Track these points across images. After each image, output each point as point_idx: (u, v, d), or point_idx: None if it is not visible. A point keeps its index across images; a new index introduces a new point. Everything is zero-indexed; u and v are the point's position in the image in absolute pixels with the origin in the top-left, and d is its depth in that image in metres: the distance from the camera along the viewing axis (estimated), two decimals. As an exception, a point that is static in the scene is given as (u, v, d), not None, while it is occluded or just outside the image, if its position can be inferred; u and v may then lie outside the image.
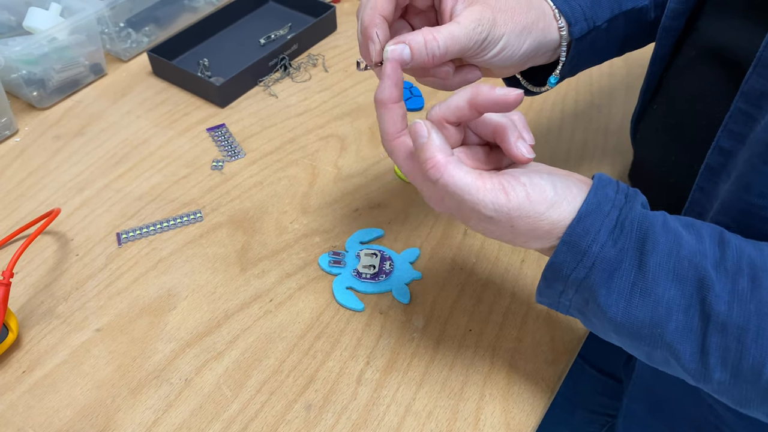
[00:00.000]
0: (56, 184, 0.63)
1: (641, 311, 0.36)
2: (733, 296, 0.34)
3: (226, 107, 0.72)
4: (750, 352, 0.33)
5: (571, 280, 0.37)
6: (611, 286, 0.36)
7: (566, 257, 0.37)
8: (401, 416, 0.46)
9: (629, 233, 0.36)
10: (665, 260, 0.35)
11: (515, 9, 0.44)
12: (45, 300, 0.53)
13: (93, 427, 0.45)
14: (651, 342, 0.36)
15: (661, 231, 0.36)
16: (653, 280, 0.35)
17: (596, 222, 0.36)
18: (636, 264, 0.36)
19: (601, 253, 0.36)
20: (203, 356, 0.49)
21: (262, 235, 0.58)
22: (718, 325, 0.34)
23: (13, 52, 0.66)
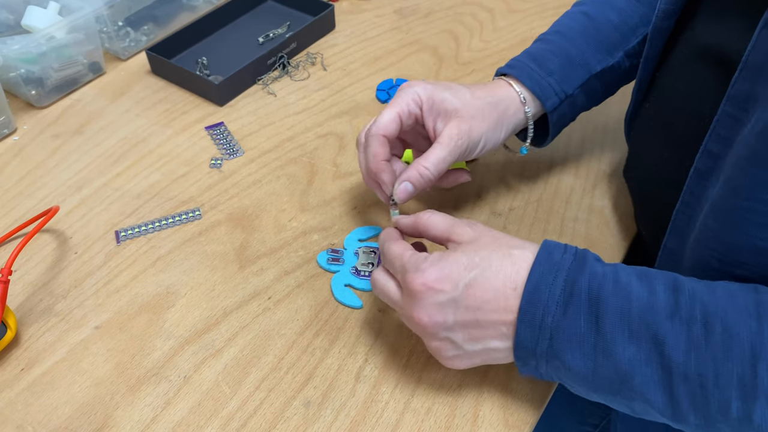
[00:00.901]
0: (55, 182, 0.63)
1: (608, 370, 0.37)
2: (689, 345, 0.36)
3: (224, 106, 0.72)
4: (714, 397, 0.35)
5: (538, 354, 0.40)
6: (575, 351, 0.38)
7: (526, 334, 0.39)
8: (400, 413, 0.46)
9: (579, 297, 0.38)
10: (618, 320, 0.37)
11: (485, 110, 0.52)
12: (44, 298, 0.53)
13: (91, 424, 0.45)
14: (626, 395, 0.38)
15: (612, 291, 0.38)
16: (611, 341, 0.37)
17: (544, 293, 0.39)
18: (593, 326, 0.38)
19: (555, 323, 0.38)
20: (202, 353, 0.49)
21: (260, 233, 0.58)
22: (680, 375, 0.36)
23: (12, 51, 0.66)
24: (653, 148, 0.52)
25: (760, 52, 0.36)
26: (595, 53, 0.55)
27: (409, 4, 0.88)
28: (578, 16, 0.57)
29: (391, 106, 0.51)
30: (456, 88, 0.52)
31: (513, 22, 0.84)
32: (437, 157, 0.49)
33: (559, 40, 0.56)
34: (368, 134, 0.51)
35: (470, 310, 0.40)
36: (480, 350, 0.42)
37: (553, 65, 0.55)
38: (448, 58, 0.79)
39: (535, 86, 0.54)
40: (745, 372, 0.34)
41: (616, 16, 0.56)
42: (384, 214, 0.60)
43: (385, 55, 0.79)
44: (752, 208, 0.37)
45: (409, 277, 0.41)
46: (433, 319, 0.41)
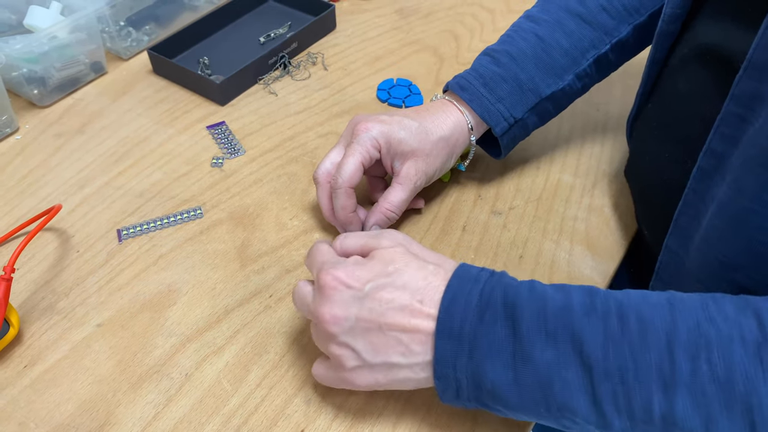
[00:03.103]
0: (57, 181, 0.63)
1: (528, 377, 0.37)
2: (606, 339, 0.35)
3: (226, 105, 0.72)
4: (635, 391, 0.34)
5: (458, 369, 0.38)
6: (495, 360, 0.37)
7: (445, 346, 0.38)
8: (400, 410, 0.46)
9: (495, 304, 0.38)
10: (535, 323, 0.37)
11: (439, 145, 0.55)
12: (46, 296, 0.53)
13: (94, 421, 0.45)
14: (548, 406, 0.37)
15: (527, 296, 0.38)
16: (529, 344, 0.37)
17: (460, 303, 0.38)
18: (511, 333, 0.37)
19: (473, 331, 0.38)
20: (203, 351, 0.49)
21: (261, 232, 0.58)
22: (600, 372, 0.35)
23: (14, 50, 0.67)
24: (655, 148, 0.52)
25: (765, 50, 0.36)
26: (544, 77, 0.57)
27: (410, 4, 0.89)
28: (530, 37, 0.58)
29: (353, 154, 0.53)
30: (409, 126, 0.54)
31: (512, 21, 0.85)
32: (399, 198, 0.54)
33: (510, 64, 0.57)
34: (335, 186, 0.53)
35: (374, 313, 0.40)
36: (381, 364, 0.40)
37: (503, 91, 0.56)
38: (448, 57, 0.79)
39: (485, 113, 0.56)
40: (663, 361, 0.34)
41: (566, 40, 0.57)
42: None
43: (385, 55, 0.79)
44: (756, 210, 0.37)
45: (324, 271, 0.41)
46: (335, 315, 0.40)
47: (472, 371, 0.38)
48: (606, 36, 0.57)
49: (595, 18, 0.57)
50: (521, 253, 0.56)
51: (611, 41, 0.57)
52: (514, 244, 0.57)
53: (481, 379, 0.38)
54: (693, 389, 0.33)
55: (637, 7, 0.57)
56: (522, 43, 0.58)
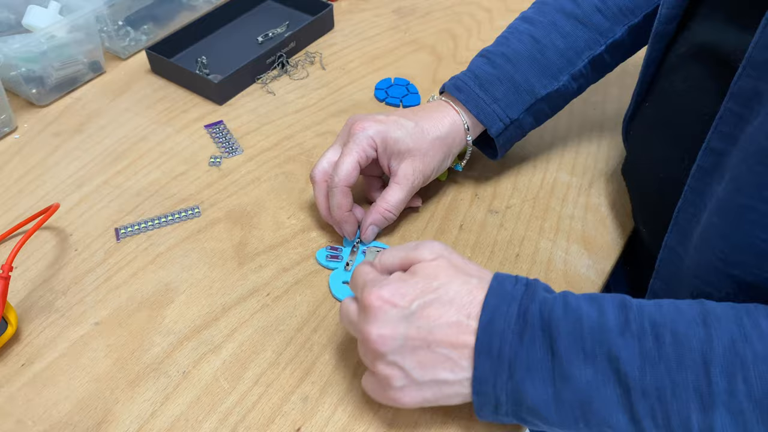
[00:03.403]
0: (55, 180, 0.64)
1: (568, 395, 0.37)
2: (643, 360, 0.36)
3: (224, 104, 0.72)
4: (674, 409, 0.35)
5: (498, 388, 0.39)
6: (534, 379, 0.38)
7: (485, 366, 0.39)
8: (396, 408, 0.46)
9: (532, 323, 0.38)
10: (572, 342, 0.37)
11: (435, 145, 0.55)
12: (44, 294, 0.53)
13: (91, 419, 0.46)
14: (587, 422, 0.38)
15: (562, 314, 0.38)
16: (568, 364, 0.37)
17: (499, 324, 0.39)
18: (549, 351, 0.38)
19: (513, 352, 0.38)
20: (201, 349, 0.49)
21: (259, 231, 0.58)
22: (638, 391, 0.36)
23: (13, 50, 0.67)
24: (653, 147, 0.52)
25: (764, 48, 0.36)
26: (540, 78, 0.57)
27: (408, 3, 0.89)
28: (525, 38, 0.58)
29: (350, 153, 0.53)
30: (406, 126, 0.54)
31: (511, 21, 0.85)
32: (397, 198, 0.54)
33: (505, 65, 0.57)
34: (331, 185, 0.53)
35: (422, 331, 0.40)
36: (429, 381, 0.40)
37: (499, 92, 0.57)
38: (446, 57, 0.79)
39: (481, 113, 0.56)
40: (700, 380, 0.35)
41: (561, 41, 0.57)
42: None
43: (383, 55, 0.79)
44: (755, 207, 0.37)
45: (367, 291, 0.41)
46: (382, 334, 0.40)
47: (512, 389, 0.38)
48: (601, 37, 0.57)
49: (590, 19, 0.57)
50: (518, 252, 0.57)
51: (606, 42, 0.58)
52: (510, 243, 0.57)
53: (521, 397, 0.38)
54: (731, 408, 0.34)
55: (631, 8, 0.57)
56: (517, 44, 0.58)
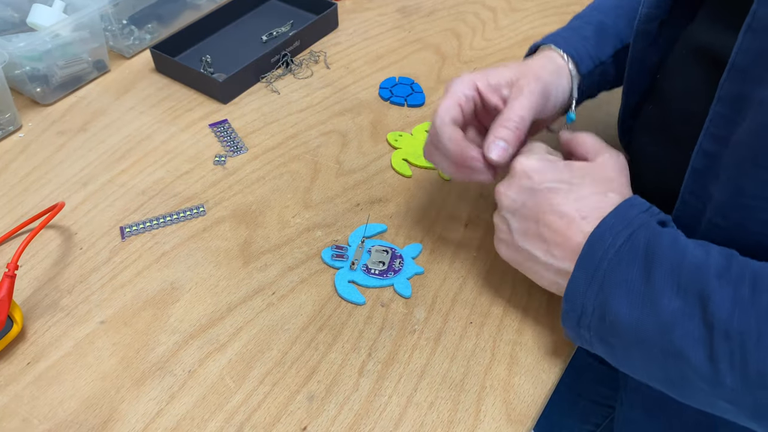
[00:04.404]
0: (60, 179, 0.63)
1: (651, 320, 0.38)
2: (734, 304, 0.36)
3: (228, 103, 0.72)
4: (753, 357, 0.35)
5: (587, 298, 0.41)
6: (622, 297, 0.39)
7: (580, 277, 0.42)
8: (403, 407, 0.46)
9: (637, 248, 0.40)
10: (669, 274, 0.38)
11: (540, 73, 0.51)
12: (49, 293, 0.53)
13: (97, 417, 0.46)
14: (664, 350, 0.38)
15: (669, 246, 0.39)
16: (659, 292, 0.38)
17: (606, 241, 0.41)
18: (644, 277, 0.39)
19: (610, 268, 0.40)
20: (206, 348, 0.49)
21: (264, 229, 0.58)
22: (721, 332, 0.36)
23: (17, 49, 0.67)
24: (652, 149, 0.52)
25: (745, 54, 0.37)
26: (626, 28, 0.56)
27: (412, 2, 0.89)
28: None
29: (446, 98, 0.50)
30: (507, 65, 0.52)
31: (515, 20, 0.85)
32: (522, 106, 0.48)
33: (593, 13, 0.57)
34: (433, 129, 0.50)
35: (538, 208, 0.44)
36: (524, 250, 0.46)
37: (588, 32, 0.55)
38: (450, 56, 0.79)
39: (571, 48, 0.54)
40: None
41: None
42: (386, 210, 0.60)
43: (387, 54, 0.79)
44: (759, 206, 0.38)
45: (523, 156, 0.47)
46: (507, 194, 0.46)
47: (600, 303, 0.41)
48: None
49: None
50: (523, 251, 0.56)
51: None
52: (516, 242, 0.57)
53: (606, 312, 0.40)
54: None
55: None
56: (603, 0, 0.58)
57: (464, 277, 0.54)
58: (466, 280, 0.54)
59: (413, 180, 0.63)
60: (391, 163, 0.65)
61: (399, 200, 0.61)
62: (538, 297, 0.53)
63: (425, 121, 0.69)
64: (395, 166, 0.64)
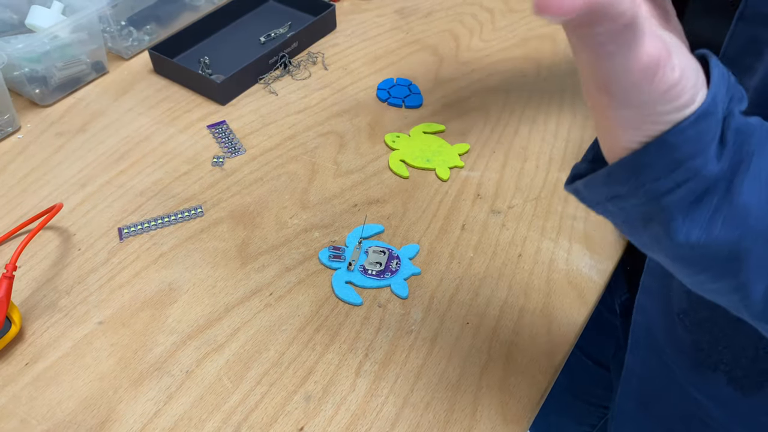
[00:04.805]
0: (58, 180, 0.64)
1: (720, 240, 0.29)
2: None
3: (226, 104, 0.72)
4: None
5: (646, 190, 0.29)
6: (691, 210, 0.29)
7: (657, 160, 0.28)
8: (399, 407, 0.46)
9: (730, 149, 0.28)
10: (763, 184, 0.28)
11: None
12: (47, 293, 0.54)
13: (95, 418, 0.46)
14: (720, 276, 0.30)
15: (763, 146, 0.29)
16: (744, 208, 0.28)
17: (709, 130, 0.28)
18: (725, 186, 0.28)
19: (700, 171, 0.28)
20: (204, 348, 0.50)
21: (262, 230, 0.59)
22: None
23: (16, 50, 0.67)
24: None
25: (735, 45, 0.37)
26: None
27: (410, 4, 0.89)
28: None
29: None
30: None
31: (513, 21, 0.85)
32: None
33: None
34: None
35: None
36: None
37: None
38: (448, 57, 0.79)
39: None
40: None
41: None
42: (384, 211, 0.60)
43: (385, 55, 0.80)
44: None
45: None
46: None
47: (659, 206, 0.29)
48: None
49: None
50: (520, 252, 0.57)
51: None
52: (512, 243, 0.57)
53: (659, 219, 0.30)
54: None
55: None
56: None
57: (461, 278, 0.55)
58: (463, 281, 0.54)
59: (410, 181, 0.63)
60: (388, 164, 0.65)
61: (396, 201, 0.61)
62: (533, 298, 0.53)
63: (423, 122, 0.70)
64: (393, 167, 0.64)
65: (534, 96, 0.73)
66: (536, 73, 0.76)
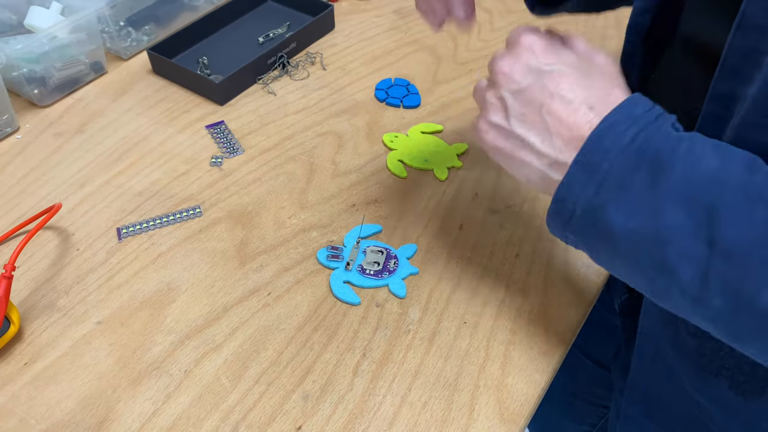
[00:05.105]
0: (57, 180, 0.64)
1: (647, 230, 0.35)
2: (747, 225, 0.33)
3: (225, 105, 0.73)
4: (750, 280, 0.33)
5: (581, 199, 0.37)
6: (621, 203, 0.36)
7: (577, 175, 0.37)
8: (397, 406, 0.46)
9: (644, 152, 0.36)
10: (679, 184, 0.35)
11: None
12: (46, 293, 0.54)
13: (93, 417, 0.46)
14: (654, 265, 0.36)
15: (683, 153, 0.35)
16: (664, 203, 0.35)
17: (609, 140, 0.37)
18: (649, 185, 0.35)
19: (612, 170, 0.36)
20: (202, 348, 0.50)
21: (260, 230, 0.59)
22: (722, 253, 0.33)
23: (15, 51, 0.67)
24: None
25: (735, 53, 0.37)
26: None
27: (408, 4, 0.89)
28: None
29: None
30: None
31: (511, 22, 0.85)
32: None
33: None
34: None
35: (544, 92, 0.40)
36: (518, 136, 0.41)
37: None
38: (446, 57, 0.79)
39: None
40: None
41: None
42: (382, 211, 0.60)
43: (383, 55, 0.80)
44: None
45: (527, 29, 0.42)
46: (510, 72, 0.41)
47: (594, 206, 0.37)
48: None
49: None
50: (517, 252, 0.57)
51: None
52: (510, 243, 0.58)
53: (599, 217, 0.37)
54: None
55: None
56: None
57: (458, 277, 0.55)
58: (461, 280, 0.55)
59: (408, 181, 0.64)
60: (386, 164, 0.65)
61: (394, 201, 0.61)
62: (531, 298, 0.53)
63: (421, 122, 0.70)
64: (391, 167, 0.65)
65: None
66: (534, 73, 0.76)
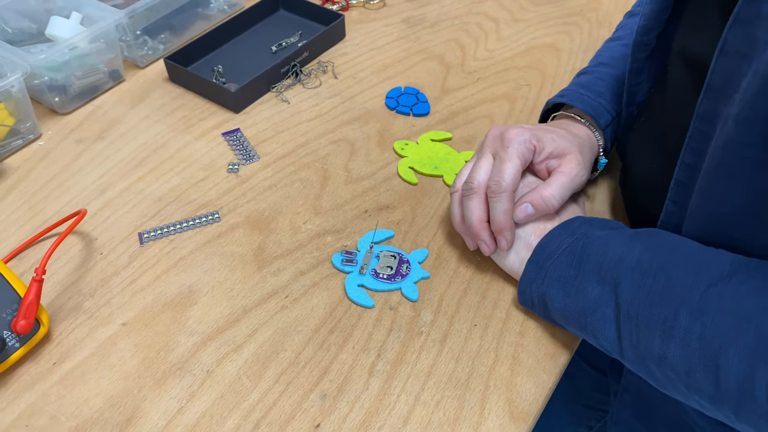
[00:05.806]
0: (79, 186, 0.66)
1: (577, 305, 0.47)
2: (637, 291, 0.43)
3: (240, 112, 0.75)
4: (644, 334, 0.42)
5: (534, 289, 0.51)
6: (558, 288, 0.49)
7: (530, 271, 0.51)
8: (411, 405, 0.48)
9: (574, 252, 0.48)
10: (594, 266, 0.47)
11: (584, 139, 0.57)
12: (72, 296, 0.56)
13: (121, 415, 0.48)
14: (587, 330, 0.47)
15: (598, 245, 0.47)
16: (585, 281, 0.47)
17: (553, 245, 0.50)
18: (576, 270, 0.48)
19: (552, 266, 0.49)
20: (224, 349, 0.52)
21: (276, 235, 0.61)
22: (625, 314, 0.44)
23: (38, 60, 0.69)
24: (645, 160, 0.54)
25: (719, 75, 0.40)
26: None
27: (417, 13, 0.91)
28: (616, 47, 0.62)
29: (512, 159, 0.51)
30: (554, 130, 0.55)
31: (517, 31, 0.87)
32: (562, 184, 0.52)
33: (602, 68, 0.61)
34: (497, 190, 0.51)
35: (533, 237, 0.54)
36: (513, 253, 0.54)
37: (601, 87, 0.59)
38: (454, 66, 0.81)
39: (588, 108, 0.58)
40: (668, 316, 0.41)
41: None
42: (393, 217, 0.62)
43: (393, 64, 0.82)
44: (725, 213, 0.42)
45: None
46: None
47: (543, 293, 0.50)
48: None
49: None
50: (525, 257, 0.59)
51: None
52: (518, 248, 0.59)
53: (546, 300, 0.50)
54: (684, 342, 0.41)
55: None
56: (609, 52, 0.62)
57: (468, 281, 0.57)
58: (471, 284, 0.57)
59: (419, 187, 0.66)
60: (397, 171, 0.67)
61: (406, 207, 0.63)
62: (539, 301, 0.55)
63: (430, 130, 0.72)
64: (402, 174, 0.67)
65: (538, 104, 0.75)
66: (540, 81, 0.78)
